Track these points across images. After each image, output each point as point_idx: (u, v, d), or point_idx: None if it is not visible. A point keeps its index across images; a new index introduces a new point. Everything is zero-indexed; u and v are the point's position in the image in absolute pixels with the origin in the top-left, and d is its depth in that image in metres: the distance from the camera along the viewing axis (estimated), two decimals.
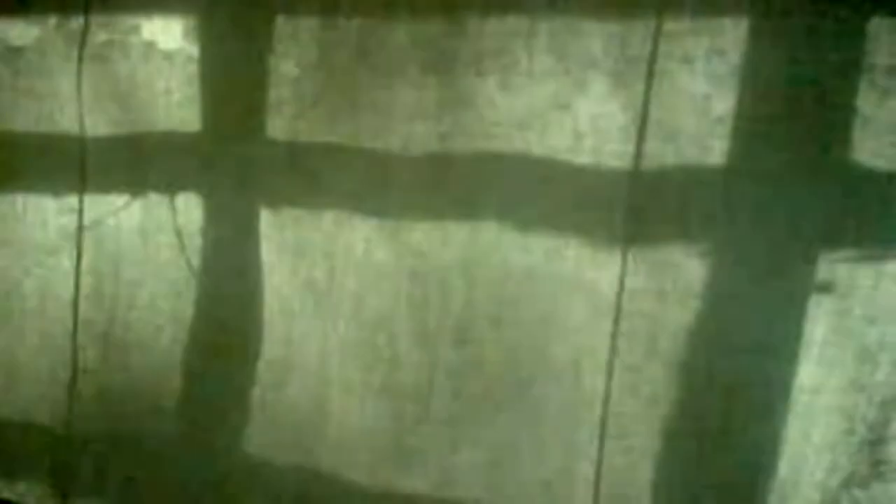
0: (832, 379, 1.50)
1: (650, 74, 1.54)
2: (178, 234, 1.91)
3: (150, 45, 1.87)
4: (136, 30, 1.88)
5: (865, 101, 1.41)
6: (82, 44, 1.93)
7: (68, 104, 1.96)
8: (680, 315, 1.57)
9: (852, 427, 1.50)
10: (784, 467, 1.54)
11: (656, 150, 1.56)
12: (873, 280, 1.45)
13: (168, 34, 1.86)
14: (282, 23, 1.76)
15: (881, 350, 1.46)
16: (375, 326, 1.79)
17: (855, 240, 1.46)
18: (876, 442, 1.48)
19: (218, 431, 1.95)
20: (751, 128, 1.49)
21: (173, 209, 1.91)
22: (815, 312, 1.49)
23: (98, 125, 1.95)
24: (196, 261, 1.91)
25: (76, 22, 1.92)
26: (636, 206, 1.58)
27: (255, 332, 1.88)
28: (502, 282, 1.69)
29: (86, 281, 2.01)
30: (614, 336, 1.62)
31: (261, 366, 1.89)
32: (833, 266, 1.47)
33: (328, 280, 1.81)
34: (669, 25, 1.52)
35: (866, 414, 1.48)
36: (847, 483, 1.51)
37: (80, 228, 2.00)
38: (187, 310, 1.93)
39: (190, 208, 1.90)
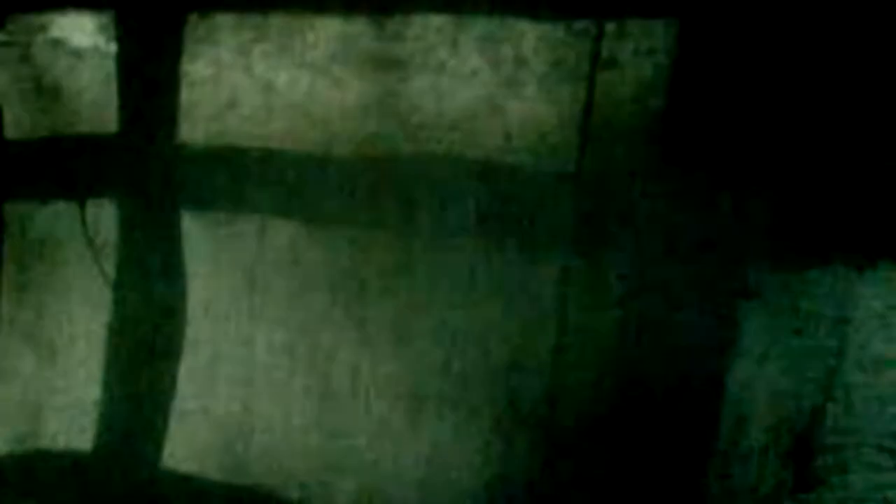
0: (762, 384, 1.49)
1: (587, 76, 1.51)
2: (90, 240, 1.85)
3: (61, 43, 1.81)
4: (47, 27, 1.81)
5: None
6: None
7: None
8: (621, 317, 1.55)
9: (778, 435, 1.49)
10: (718, 468, 1.53)
11: (591, 150, 1.53)
12: (801, 285, 1.43)
13: (81, 31, 1.80)
14: (196, 20, 1.71)
15: (810, 357, 1.45)
16: (304, 331, 1.75)
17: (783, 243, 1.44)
18: (804, 450, 1.47)
19: (136, 441, 1.90)
20: (680, 130, 1.46)
21: (83, 216, 1.85)
22: (746, 318, 1.48)
23: (15, 126, 1.88)
24: (112, 268, 1.85)
25: None
26: (575, 208, 1.56)
27: (179, 339, 1.83)
28: (434, 284, 1.65)
29: (4, 285, 1.95)
30: (559, 335, 1.59)
31: (185, 373, 1.84)
32: (762, 268, 1.45)
33: (252, 285, 1.77)
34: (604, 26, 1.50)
35: (795, 422, 1.47)
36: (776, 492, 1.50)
37: (2, 232, 1.94)
38: (104, 317, 1.87)
39: (107, 213, 1.84)
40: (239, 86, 1.70)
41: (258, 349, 1.78)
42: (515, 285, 1.61)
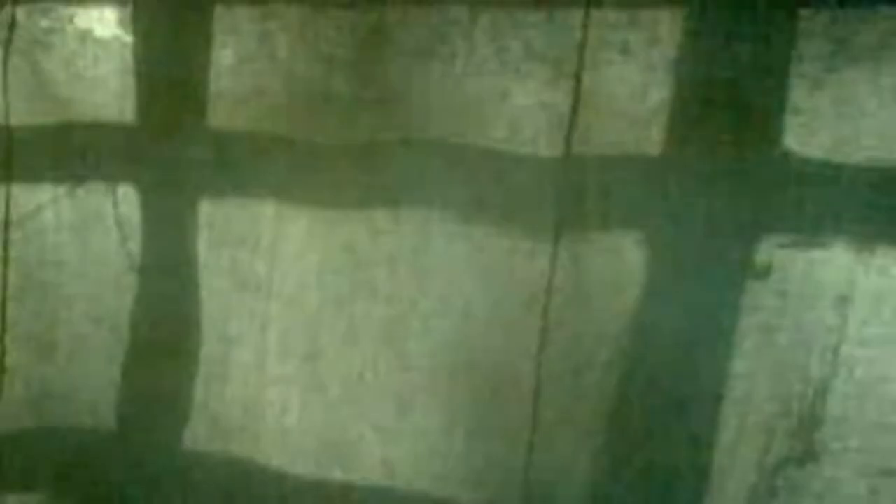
0: (767, 364, 1.53)
1: (582, 64, 1.56)
2: (119, 225, 1.88)
3: (84, 34, 1.84)
4: (70, 18, 1.85)
5: (796, 91, 1.45)
6: (10, 32, 1.89)
7: None
8: (611, 306, 1.59)
9: (787, 410, 1.53)
10: (718, 453, 1.57)
11: (592, 140, 1.57)
12: (806, 265, 1.48)
13: (103, 22, 1.83)
14: (220, 12, 1.75)
15: (814, 334, 1.50)
16: (308, 322, 1.78)
17: (788, 227, 1.49)
18: (810, 424, 1.52)
19: (153, 429, 1.92)
20: (686, 117, 1.51)
21: (113, 200, 1.87)
22: (749, 299, 1.52)
23: (28, 116, 1.90)
24: (135, 255, 1.89)
25: (7, 10, 1.89)
26: (567, 197, 1.60)
27: (192, 329, 1.86)
28: (433, 275, 1.70)
29: (14, 278, 1.97)
30: (543, 328, 1.63)
31: (197, 362, 1.87)
32: (768, 252, 1.50)
33: (264, 275, 1.80)
34: (603, 15, 1.54)
35: (801, 397, 1.52)
36: (782, 464, 1.55)
37: (7, 224, 1.96)
38: (125, 305, 1.90)
39: (126, 201, 1.87)
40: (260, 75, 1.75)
41: (267, 337, 1.81)
42: None
